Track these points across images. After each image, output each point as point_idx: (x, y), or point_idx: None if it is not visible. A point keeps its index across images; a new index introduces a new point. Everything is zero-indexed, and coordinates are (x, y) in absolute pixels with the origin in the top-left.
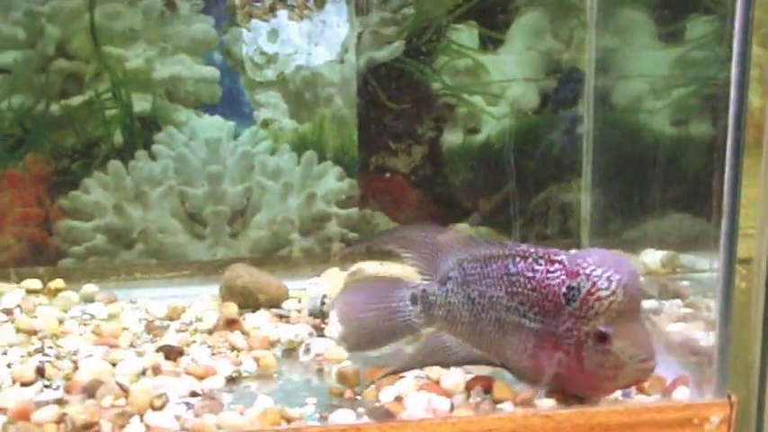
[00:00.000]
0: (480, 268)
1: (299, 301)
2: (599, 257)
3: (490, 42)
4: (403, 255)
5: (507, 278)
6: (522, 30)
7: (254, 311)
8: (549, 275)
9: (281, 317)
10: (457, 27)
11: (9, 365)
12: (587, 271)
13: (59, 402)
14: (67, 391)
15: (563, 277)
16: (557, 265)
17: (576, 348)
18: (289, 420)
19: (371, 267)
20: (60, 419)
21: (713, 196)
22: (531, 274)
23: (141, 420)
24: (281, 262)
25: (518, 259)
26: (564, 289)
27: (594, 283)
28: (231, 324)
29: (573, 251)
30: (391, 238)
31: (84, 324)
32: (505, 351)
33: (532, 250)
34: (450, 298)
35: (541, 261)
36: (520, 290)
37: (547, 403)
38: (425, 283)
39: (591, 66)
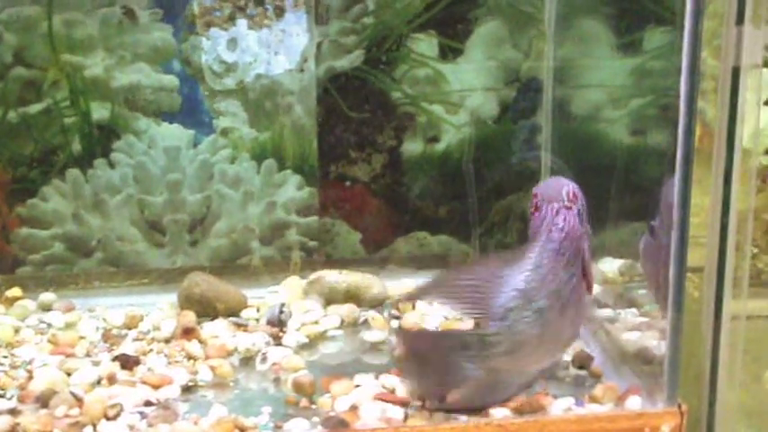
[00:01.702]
0: (537, 275)
1: (258, 310)
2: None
3: (450, 52)
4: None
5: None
6: (481, 39)
7: (212, 320)
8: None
9: (239, 325)
10: (417, 36)
11: None
12: None
13: (13, 412)
14: (21, 400)
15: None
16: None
17: None
18: (243, 430)
19: (330, 276)
20: (13, 429)
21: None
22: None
23: (95, 430)
24: (241, 270)
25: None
26: None
27: None
28: (188, 333)
29: None
30: (435, 290)
31: (41, 333)
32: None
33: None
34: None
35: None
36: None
37: (501, 412)
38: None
39: (549, 75)
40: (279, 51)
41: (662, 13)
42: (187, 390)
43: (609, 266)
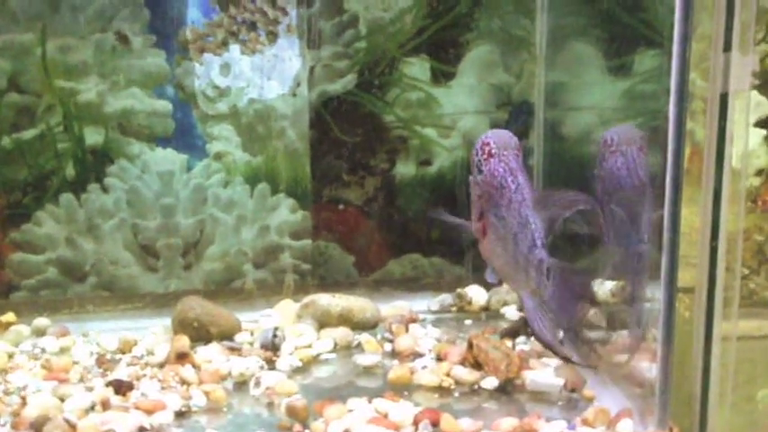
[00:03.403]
0: None
1: (252, 334)
2: None
3: (442, 75)
4: None
5: None
6: (473, 63)
7: (206, 344)
8: None
9: (233, 349)
10: (409, 60)
11: None
12: None
13: None
14: (15, 427)
15: None
16: None
17: None
18: None
19: (324, 299)
20: None
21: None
22: None
23: None
24: (234, 294)
25: None
26: None
27: None
28: (182, 357)
29: None
30: None
31: (35, 358)
32: None
33: None
34: None
35: None
36: None
37: None
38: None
39: (540, 98)
40: (271, 76)
41: (651, 37)
42: (180, 415)
43: (601, 288)
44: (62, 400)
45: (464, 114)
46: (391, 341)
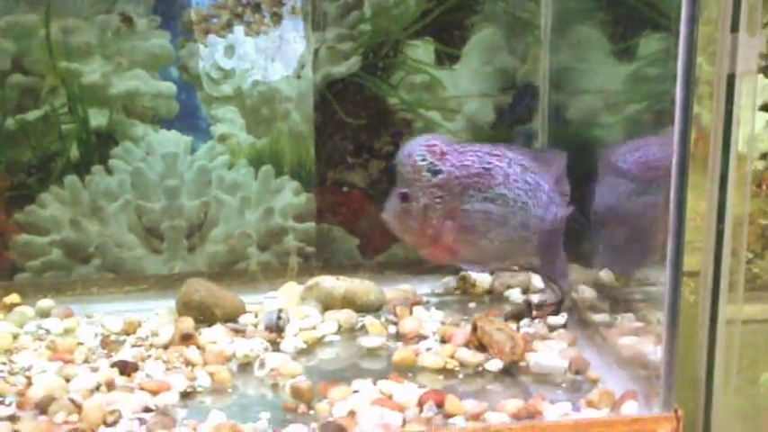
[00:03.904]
0: None
1: (256, 316)
2: None
3: (446, 58)
4: None
5: None
6: (477, 46)
7: (210, 326)
8: None
9: (237, 331)
10: (413, 43)
11: None
12: None
13: (12, 419)
14: (20, 407)
15: None
16: None
17: None
18: None
19: (328, 281)
20: None
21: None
22: None
23: None
24: (239, 276)
25: None
26: None
27: None
28: (187, 339)
29: None
30: None
31: (40, 339)
32: None
33: None
34: None
35: None
36: None
37: (498, 418)
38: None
39: (545, 81)
40: (276, 58)
41: (657, 20)
42: (185, 396)
43: (605, 272)
44: (67, 380)
45: (468, 97)
46: (395, 323)
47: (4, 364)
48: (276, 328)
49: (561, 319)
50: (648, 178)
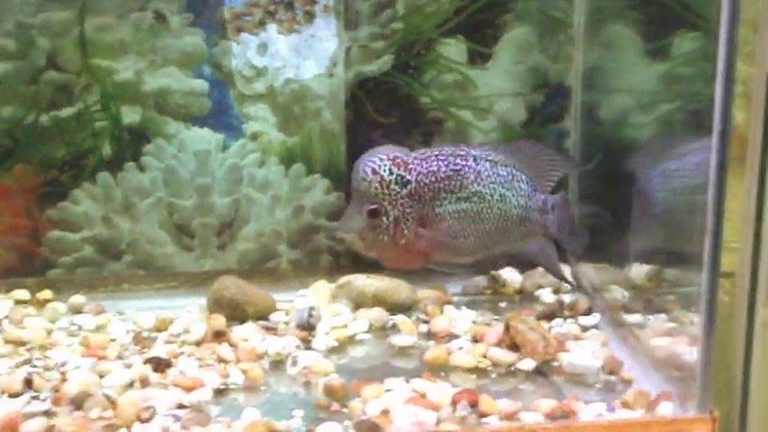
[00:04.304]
0: None
1: (287, 314)
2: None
3: (478, 57)
4: None
5: None
6: (509, 44)
7: (241, 323)
8: None
9: (268, 329)
10: (445, 41)
11: None
12: None
13: (47, 414)
14: (55, 402)
15: None
16: None
17: None
18: None
19: (359, 280)
20: (48, 431)
21: (698, 212)
22: None
23: None
24: (269, 274)
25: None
26: None
27: None
28: (219, 336)
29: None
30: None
31: (72, 335)
32: None
33: None
34: None
35: None
36: None
37: (532, 417)
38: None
39: (578, 80)
40: (308, 56)
41: (691, 19)
42: (219, 393)
43: (636, 272)
44: (101, 376)
45: (500, 96)
46: (426, 322)
47: (39, 359)
48: (307, 326)
49: (593, 319)
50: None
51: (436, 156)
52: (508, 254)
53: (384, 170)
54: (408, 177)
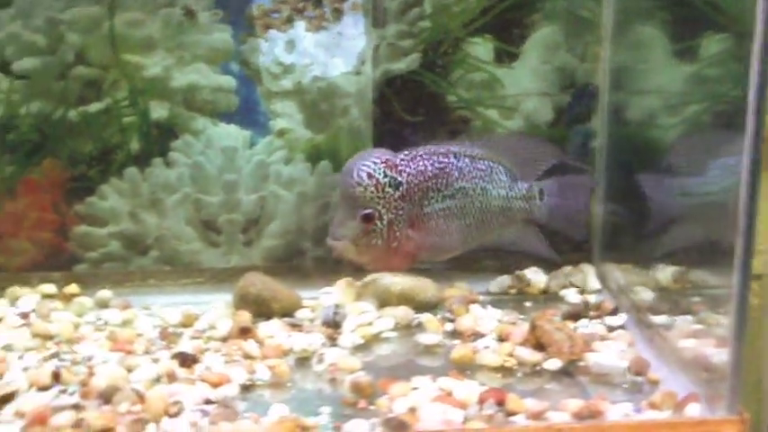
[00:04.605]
0: None
1: (312, 311)
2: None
3: (506, 56)
4: None
5: None
6: (537, 44)
7: (267, 320)
8: None
9: (293, 326)
10: (473, 40)
11: (25, 369)
12: None
13: (76, 407)
14: (84, 396)
15: None
16: None
17: None
18: (304, 429)
19: (385, 278)
20: (77, 424)
21: (727, 213)
22: None
23: (158, 427)
24: (294, 271)
25: None
26: None
27: None
28: (245, 332)
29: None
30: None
31: (99, 330)
32: None
33: None
34: None
35: None
36: None
37: (559, 417)
38: None
39: (605, 81)
40: (336, 54)
41: (720, 20)
42: (245, 389)
43: (662, 273)
44: (129, 371)
45: (527, 96)
46: (452, 321)
47: (67, 353)
48: (333, 324)
49: (620, 319)
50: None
51: (421, 155)
52: (489, 246)
53: (379, 173)
54: (400, 179)
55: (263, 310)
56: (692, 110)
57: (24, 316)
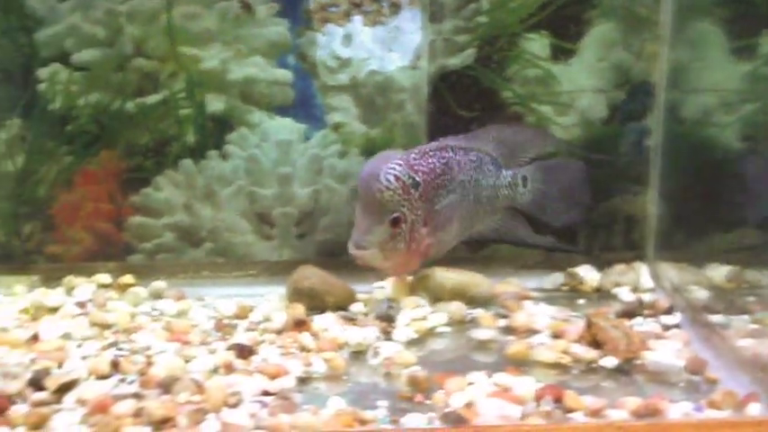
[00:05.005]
0: None
1: (365, 305)
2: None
3: (561, 53)
4: None
5: None
6: (594, 41)
7: (320, 313)
8: None
9: (347, 319)
10: (529, 36)
11: (84, 358)
12: None
13: (136, 396)
14: (143, 385)
15: None
16: None
17: None
18: (362, 422)
19: (439, 273)
20: (137, 413)
21: None
22: None
23: (217, 417)
24: (346, 265)
25: None
26: None
27: None
28: (300, 325)
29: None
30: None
31: (155, 320)
32: None
33: None
34: None
35: None
36: None
37: (618, 415)
38: None
39: (662, 78)
40: (392, 48)
41: None
42: (301, 381)
43: (716, 273)
44: (186, 361)
45: (582, 93)
46: (505, 317)
47: (124, 342)
48: (386, 318)
49: (675, 318)
50: None
51: (427, 152)
52: (474, 236)
53: (404, 175)
54: (418, 179)
55: (316, 303)
56: (750, 108)
57: (81, 305)
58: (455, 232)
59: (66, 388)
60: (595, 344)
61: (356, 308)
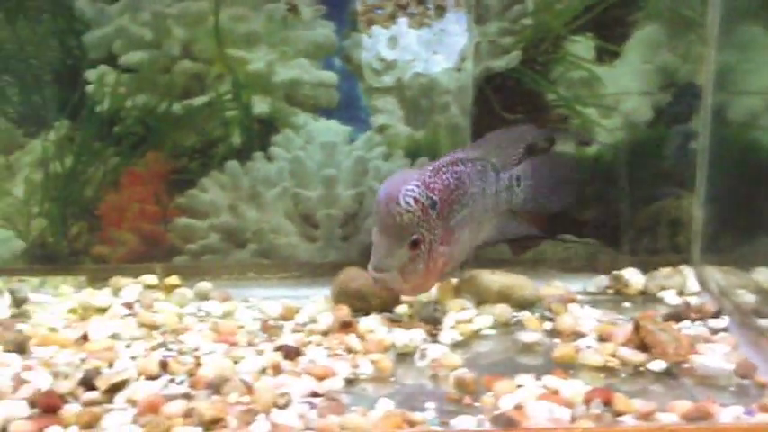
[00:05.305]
0: None
1: (410, 307)
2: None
3: (606, 55)
4: None
5: None
6: (639, 43)
7: (365, 315)
8: None
9: (393, 321)
10: (574, 38)
11: (134, 358)
12: None
13: (186, 397)
14: (193, 386)
15: None
16: None
17: None
18: (412, 424)
19: (484, 276)
20: (188, 413)
21: None
22: None
23: (267, 418)
24: None
25: None
26: None
27: None
28: (346, 326)
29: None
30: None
31: (202, 321)
32: None
33: None
34: None
35: None
36: None
37: (668, 418)
38: None
39: (709, 81)
40: (438, 50)
41: None
42: (349, 382)
43: (764, 276)
44: (235, 362)
45: (627, 95)
46: (551, 320)
47: (173, 343)
48: (432, 320)
49: (723, 322)
50: None
51: (440, 169)
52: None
53: (423, 197)
54: (435, 198)
55: (361, 305)
56: None
57: (129, 306)
58: (467, 245)
59: (116, 388)
60: (643, 347)
61: (401, 310)
